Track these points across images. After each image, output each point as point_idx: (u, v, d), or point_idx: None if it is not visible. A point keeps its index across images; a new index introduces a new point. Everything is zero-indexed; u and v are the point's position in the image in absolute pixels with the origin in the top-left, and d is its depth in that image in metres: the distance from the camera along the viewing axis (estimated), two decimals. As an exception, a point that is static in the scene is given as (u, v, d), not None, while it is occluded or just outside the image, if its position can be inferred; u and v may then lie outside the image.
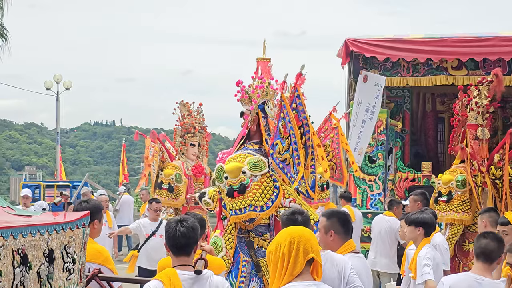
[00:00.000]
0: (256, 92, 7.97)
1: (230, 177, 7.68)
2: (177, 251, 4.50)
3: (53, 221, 3.74)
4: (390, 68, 14.07)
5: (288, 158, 7.72)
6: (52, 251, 3.65)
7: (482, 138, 10.00)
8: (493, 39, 13.42)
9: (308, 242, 3.86)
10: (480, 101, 10.13)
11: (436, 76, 13.91)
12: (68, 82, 34.76)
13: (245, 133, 8.07)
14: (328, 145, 11.28)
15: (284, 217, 5.58)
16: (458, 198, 9.96)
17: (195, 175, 12.05)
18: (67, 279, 3.88)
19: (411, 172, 14.71)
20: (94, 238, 5.58)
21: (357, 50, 13.83)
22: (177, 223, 4.49)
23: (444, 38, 13.81)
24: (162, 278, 4.36)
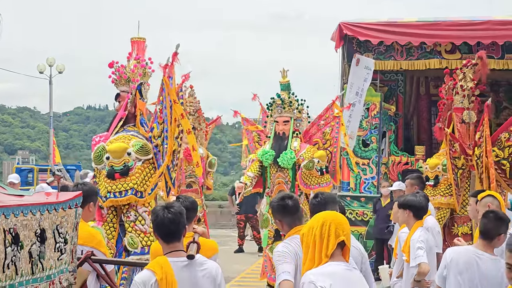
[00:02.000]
0: (136, 73, 7.79)
1: (113, 158, 7.43)
2: (167, 238, 4.48)
3: (45, 201, 3.72)
4: (384, 52, 14.05)
5: (159, 144, 7.59)
6: (44, 231, 3.64)
7: (469, 121, 10.03)
8: (486, 23, 13.42)
9: (340, 225, 3.99)
10: (465, 84, 10.20)
11: (429, 59, 13.90)
12: (61, 66, 34.62)
13: (124, 114, 7.84)
14: (327, 132, 11.19)
15: (275, 204, 5.56)
16: (445, 181, 10.09)
17: (186, 158, 11.92)
18: (59, 259, 3.87)
19: (404, 155, 14.72)
20: (88, 221, 5.57)
21: (351, 33, 13.80)
22: (164, 210, 4.46)
23: (438, 22, 13.79)
24: (154, 267, 4.33)
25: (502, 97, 17.94)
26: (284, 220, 5.48)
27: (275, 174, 10.81)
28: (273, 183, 10.81)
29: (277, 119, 10.91)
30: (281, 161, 10.56)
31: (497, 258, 5.37)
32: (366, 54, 13.92)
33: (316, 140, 11.19)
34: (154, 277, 4.27)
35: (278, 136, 10.86)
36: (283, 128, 10.86)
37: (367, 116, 14.11)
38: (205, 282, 4.45)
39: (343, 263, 3.98)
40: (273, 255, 5.48)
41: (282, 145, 10.76)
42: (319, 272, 3.88)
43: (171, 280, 4.28)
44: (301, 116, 11.22)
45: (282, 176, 10.75)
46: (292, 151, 10.64)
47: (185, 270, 4.39)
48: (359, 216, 13.93)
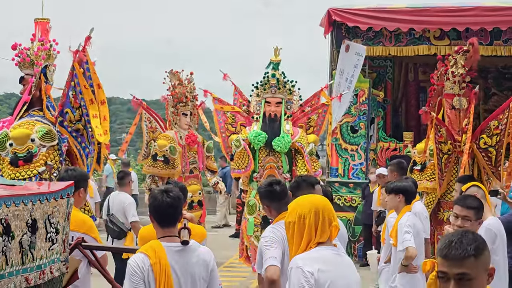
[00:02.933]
0: (40, 55, 7.57)
1: (16, 144, 7.20)
2: (164, 222, 4.45)
3: (37, 191, 3.72)
4: (373, 38, 14.04)
5: (81, 128, 7.45)
6: (35, 221, 3.64)
7: (459, 108, 10.03)
8: (475, 9, 13.43)
9: (331, 212, 4.03)
10: (456, 71, 10.15)
11: (418, 46, 13.90)
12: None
13: (29, 98, 7.58)
14: (313, 119, 10.99)
15: (262, 190, 5.59)
16: (431, 166, 10.05)
17: (188, 144, 12.00)
18: (50, 249, 3.86)
19: (392, 142, 14.77)
20: (78, 207, 5.56)
21: (340, 19, 13.78)
22: (163, 193, 4.43)
23: (426, 8, 13.80)
24: (147, 251, 4.31)
25: (490, 83, 18.01)
26: (272, 205, 5.53)
27: (266, 158, 10.47)
28: (263, 168, 10.45)
29: (269, 99, 10.56)
30: (278, 145, 10.25)
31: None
32: (355, 40, 13.92)
33: (300, 124, 10.91)
34: (148, 260, 4.26)
35: (269, 118, 10.49)
36: (275, 110, 10.51)
37: (356, 102, 14.14)
38: (198, 267, 4.45)
39: (331, 248, 3.98)
40: (260, 240, 5.50)
41: (274, 127, 10.41)
42: (307, 257, 3.88)
43: (164, 264, 4.27)
44: (292, 98, 10.88)
45: (274, 160, 10.44)
46: (289, 135, 10.33)
47: (178, 255, 4.38)
48: (347, 202, 13.98)
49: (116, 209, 10.12)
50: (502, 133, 9.21)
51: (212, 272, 4.55)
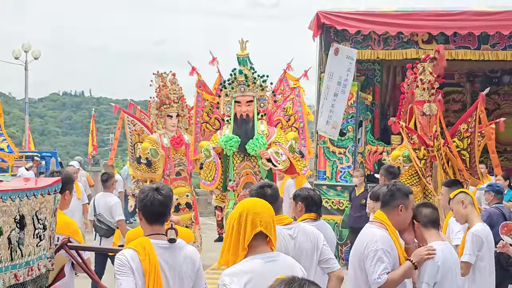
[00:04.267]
0: None
1: None
2: (153, 220, 4.46)
3: (24, 187, 3.71)
4: (361, 41, 14.09)
5: None
6: (23, 217, 3.63)
7: (430, 114, 10.31)
8: (463, 14, 13.51)
9: (258, 216, 3.88)
10: (425, 78, 10.45)
11: (406, 49, 13.97)
12: (36, 52, 34.35)
13: None
14: (289, 107, 9.93)
15: (254, 191, 5.56)
16: (406, 172, 10.31)
17: (173, 146, 11.92)
18: (38, 245, 3.86)
19: (380, 145, 14.81)
20: (63, 209, 5.54)
21: (329, 22, 13.82)
22: (154, 191, 4.45)
23: (415, 12, 13.86)
24: (136, 247, 4.32)
25: (478, 87, 18.11)
26: None
27: (241, 164, 9.45)
28: (239, 175, 9.43)
29: (239, 98, 9.47)
30: (252, 148, 9.20)
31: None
32: (343, 43, 13.96)
33: (278, 118, 9.91)
34: (137, 256, 4.27)
35: (241, 119, 9.43)
36: (247, 110, 9.44)
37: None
38: (185, 265, 4.47)
39: (261, 256, 3.88)
40: None
41: (247, 129, 9.37)
42: (234, 272, 3.83)
43: (154, 260, 4.29)
44: (264, 95, 9.76)
45: (250, 165, 9.42)
46: (262, 136, 9.26)
47: (166, 253, 4.40)
48: (335, 205, 14.00)
49: (103, 210, 10.36)
50: (472, 136, 9.52)
51: (198, 270, 4.56)
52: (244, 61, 9.65)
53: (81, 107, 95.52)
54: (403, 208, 5.22)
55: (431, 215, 5.22)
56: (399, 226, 5.30)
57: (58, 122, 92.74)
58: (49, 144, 73.33)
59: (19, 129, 73.75)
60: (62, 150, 70.38)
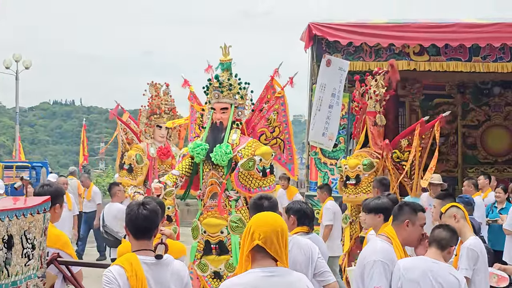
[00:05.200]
0: None
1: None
2: (139, 235, 4.43)
3: (13, 206, 3.67)
4: (353, 53, 14.08)
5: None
6: (12, 237, 3.59)
7: (381, 124, 10.76)
8: (454, 26, 13.53)
9: (258, 228, 3.87)
10: (378, 90, 10.75)
11: (398, 61, 13.89)
12: (27, 61, 34.29)
13: None
14: (273, 119, 9.38)
15: (252, 202, 5.59)
16: (366, 180, 10.43)
17: (159, 157, 11.80)
18: (26, 265, 3.82)
19: (371, 156, 14.78)
20: (54, 222, 5.49)
21: (320, 34, 13.80)
22: (139, 206, 4.42)
23: (406, 24, 13.87)
24: (123, 263, 4.28)
25: (468, 98, 18.18)
26: None
27: (208, 173, 8.77)
28: (206, 184, 8.78)
29: (214, 105, 8.88)
30: (214, 156, 8.55)
31: (450, 266, 5.40)
32: (335, 55, 13.95)
33: (261, 130, 9.35)
34: (124, 273, 4.23)
35: (214, 126, 8.86)
36: (221, 117, 8.83)
37: (337, 116, 14.14)
38: (173, 281, 4.42)
39: (260, 269, 3.85)
40: None
41: (218, 137, 8.77)
42: (231, 283, 3.84)
43: (141, 277, 4.25)
44: (244, 103, 9.19)
45: (216, 175, 8.72)
46: (229, 144, 8.64)
47: (153, 269, 4.36)
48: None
49: (110, 220, 10.92)
50: (423, 151, 10.28)
51: (186, 286, 4.52)
52: (224, 66, 9.13)
53: (71, 116, 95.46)
54: (410, 223, 5.30)
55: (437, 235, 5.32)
56: (406, 241, 5.37)
57: (49, 131, 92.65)
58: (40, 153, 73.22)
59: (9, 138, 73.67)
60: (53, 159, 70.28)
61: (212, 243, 8.41)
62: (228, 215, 8.44)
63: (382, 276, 5.06)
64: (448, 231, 5.38)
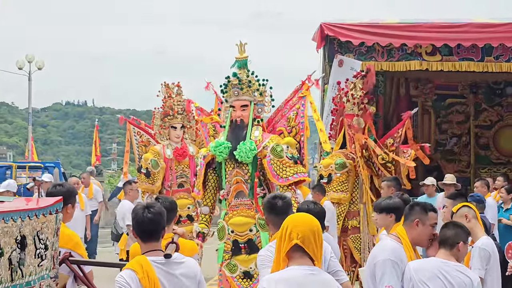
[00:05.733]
0: None
1: None
2: (145, 238, 4.47)
3: (26, 207, 3.69)
4: (365, 53, 14.06)
5: None
6: (25, 237, 3.61)
7: (358, 126, 10.96)
8: (467, 26, 13.50)
9: (295, 228, 3.89)
10: (355, 93, 10.97)
11: (410, 61, 13.93)
12: (40, 62, 34.41)
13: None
14: (292, 118, 9.29)
15: (266, 200, 5.58)
16: (337, 179, 10.79)
17: (176, 157, 11.80)
18: (39, 265, 3.84)
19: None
20: (66, 222, 5.51)
21: (332, 34, 13.79)
22: (144, 209, 4.45)
23: (419, 24, 13.84)
24: (134, 266, 4.31)
25: (481, 98, 18.10)
26: (269, 218, 5.48)
27: (232, 172, 8.63)
28: (230, 183, 8.63)
29: (234, 103, 8.78)
30: (238, 153, 8.45)
31: (461, 266, 5.35)
32: (347, 55, 13.93)
33: (280, 129, 9.25)
34: (136, 276, 4.26)
35: (235, 124, 8.73)
36: (241, 115, 8.72)
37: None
38: (184, 279, 4.45)
39: (303, 267, 3.88)
40: (257, 259, 5.45)
41: (240, 135, 8.64)
42: (273, 278, 3.86)
43: (153, 277, 4.28)
44: (263, 100, 9.07)
45: (241, 173, 8.59)
46: (252, 141, 8.54)
47: (163, 269, 4.38)
48: (337, 216, 13.95)
49: (118, 216, 11.55)
50: (397, 150, 10.62)
51: (199, 283, 4.55)
52: (241, 64, 9.01)
53: (83, 116, 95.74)
54: (420, 223, 5.31)
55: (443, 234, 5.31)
56: (416, 241, 5.36)
57: (61, 131, 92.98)
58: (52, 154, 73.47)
59: (22, 139, 73.97)
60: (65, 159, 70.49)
61: (241, 242, 8.32)
62: (255, 213, 8.36)
63: (393, 275, 5.07)
64: (453, 228, 5.35)
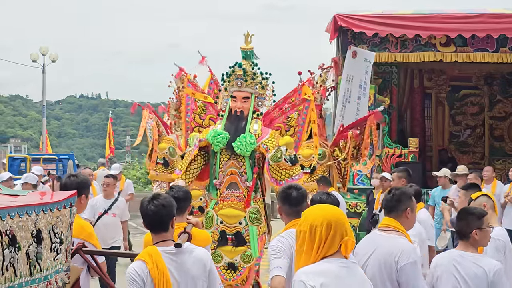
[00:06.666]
0: None
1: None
2: (153, 229, 4.53)
3: (40, 201, 3.70)
4: (379, 44, 14.02)
5: None
6: (40, 231, 3.62)
7: (324, 117, 11.51)
8: (481, 16, 13.41)
9: (343, 226, 3.86)
10: (322, 85, 11.18)
11: (424, 52, 13.88)
12: (54, 55, 34.51)
13: None
14: (293, 118, 9.21)
15: (281, 191, 5.56)
16: (320, 168, 10.92)
17: None
18: (55, 259, 3.85)
19: (398, 148, 14.73)
20: (79, 213, 5.53)
21: (346, 25, 13.75)
22: (149, 202, 4.51)
23: (433, 14, 13.78)
24: (144, 257, 4.38)
25: (496, 90, 17.99)
26: (283, 208, 5.49)
27: (227, 163, 8.56)
28: (224, 173, 8.56)
29: (235, 94, 8.69)
30: (238, 146, 8.42)
31: (478, 255, 5.31)
32: (360, 46, 13.89)
33: (278, 125, 9.15)
34: (146, 266, 4.32)
35: (234, 115, 8.66)
36: (242, 106, 8.67)
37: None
38: (196, 268, 4.48)
39: (339, 260, 3.85)
40: (268, 249, 5.44)
41: (239, 126, 8.62)
42: (311, 271, 3.79)
43: (162, 268, 4.32)
44: (264, 94, 8.99)
45: (236, 165, 8.55)
46: (253, 135, 8.50)
47: (174, 258, 4.42)
48: (352, 208, 13.95)
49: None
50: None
51: (210, 272, 4.58)
52: (248, 55, 8.91)
53: (97, 109, 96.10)
54: (410, 210, 5.23)
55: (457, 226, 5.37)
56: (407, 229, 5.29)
57: (75, 124, 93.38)
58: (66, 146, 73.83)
59: (36, 132, 74.33)
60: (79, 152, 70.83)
61: (228, 233, 8.26)
62: (246, 206, 8.36)
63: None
64: (462, 218, 5.33)
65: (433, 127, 18.10)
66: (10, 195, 3.75)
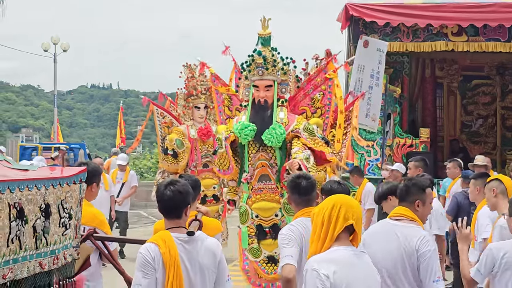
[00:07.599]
0: None
1: None
2: (167, 214, 4.50)
3: (50, 175, 3.71)
4: (390, 33, 13.97)
5: None
6: (49, 205, 3.63)
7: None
8: (493, 5, 13.32)
9: (350, 209, 3.93)
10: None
11: (436, 42, 13.83)
12: (65, 44, 34.56)
13: None
14: (317, 99, 8.83)
15: (290, 181, 5.56)
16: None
17: (200, 137, 11.90)
18: (63, 234, 3.86)
19: (409, 138, 14.69)
20: (90, 201, 5.53)
21: (357, 14, 13.70)
22: (165, 186, 4.47)
23: (444, 4, 13.69)
24: (157, 241, 4.36)
25: (508, 80, 17.90)
26: (292, 197, 5.51)
27: (256, 155, 8.33)
28: (253, 166, 8.33)
29: (257, 83, 8.35)
30: (268, 139, 8.14)
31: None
32: (372, 35, 13.84)
33: (303, 108, 8.83)
34: (158, 250, 4.30)
35: (258, 105, 8.34)
36: (265, 95, 8.32)
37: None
38: (206, 258, 4.47)
39: (349, 248, 3.93)
40: (278, 238, 5.42)
41: (265, 116, 8.29)
42: (323, 259, 3.85)
43: (174, 253, 4.31)
44: (287, 80, 8.63)
45: (265, 157, 8.31)
46: (281, 125, 8.21)
47: (185, 246, 4.40)
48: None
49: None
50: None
51: (220, 263, 4.56)
52: (266, 41, 8.53)
53: (109, 99, 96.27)
54: (420, 203, 5.12)
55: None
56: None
57: (86, 114, 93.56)
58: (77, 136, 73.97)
59: (47, 121, 74.48)
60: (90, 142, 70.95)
61: (265, 227, 8.15)
62: (280, 197, 8.13)
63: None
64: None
65: (445, 117, 18.03)
66: (20, 170, 3.77)
